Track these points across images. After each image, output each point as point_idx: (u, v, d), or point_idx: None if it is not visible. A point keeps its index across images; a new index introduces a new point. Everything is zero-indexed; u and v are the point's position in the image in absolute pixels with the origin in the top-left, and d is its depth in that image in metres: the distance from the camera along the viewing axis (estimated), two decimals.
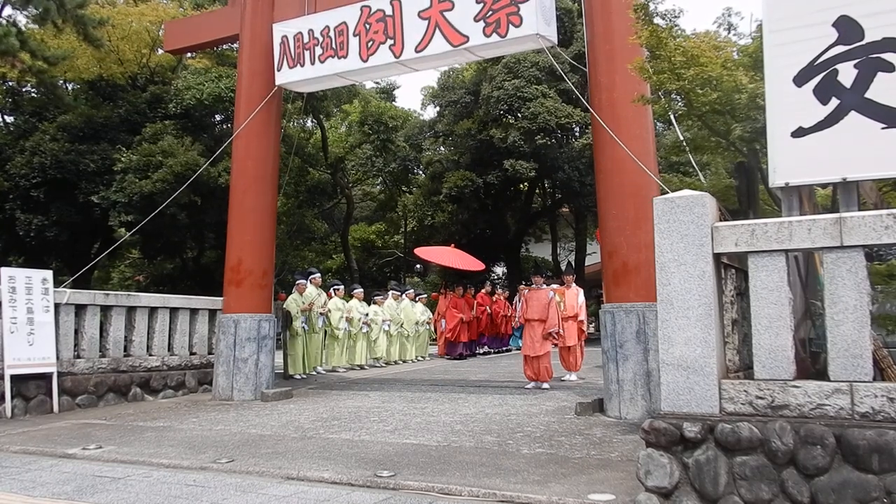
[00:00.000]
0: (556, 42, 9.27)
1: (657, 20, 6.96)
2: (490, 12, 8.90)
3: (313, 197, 24.44)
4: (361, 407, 9.13)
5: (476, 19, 9.01)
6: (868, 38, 4.55)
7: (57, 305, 9.57)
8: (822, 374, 4.37)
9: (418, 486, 5.15)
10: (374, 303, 15.83)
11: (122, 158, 16.05)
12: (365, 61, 9.96)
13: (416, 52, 9.54)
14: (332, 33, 10.22)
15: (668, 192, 4.79)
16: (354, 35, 10.01)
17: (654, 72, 6.90)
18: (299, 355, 12.81)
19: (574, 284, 12.12)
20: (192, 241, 19.59)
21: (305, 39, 10.46)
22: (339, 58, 10.16)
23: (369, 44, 9.89)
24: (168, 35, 12.80)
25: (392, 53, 9.71)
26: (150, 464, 6.20)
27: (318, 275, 14.01)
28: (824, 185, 5.85)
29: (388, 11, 9.71)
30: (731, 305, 4.72)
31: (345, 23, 10.09)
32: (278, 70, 10.75)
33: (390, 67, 10.23)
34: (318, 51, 10.35)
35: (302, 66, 10.54)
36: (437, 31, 9.32)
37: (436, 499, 4.94)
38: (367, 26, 9.91)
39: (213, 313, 11.75)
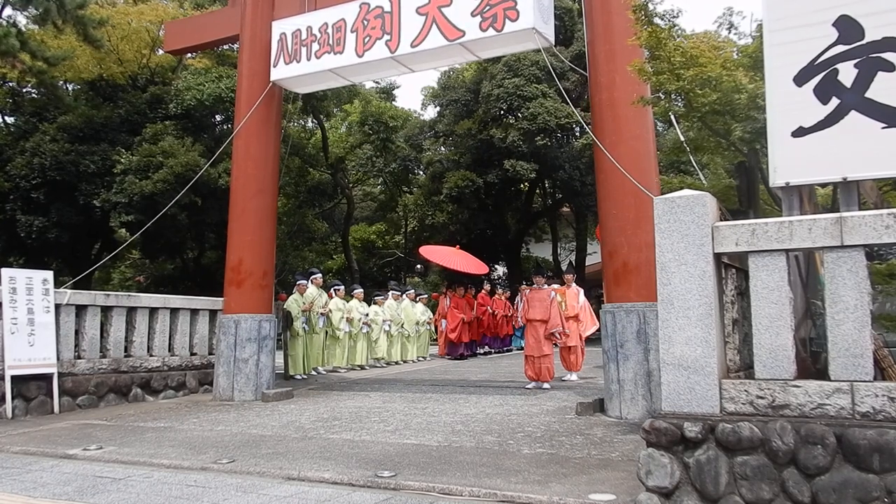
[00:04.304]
0: (553, 41, 9.29)
1: (657, 20, 6.95)
2: (487, 7, 8.95)
3: (314, 197, 24.45)
4: (362, 407, 9.13)
5: (473, 14, 9.06)
6: (868, 38, 4.55)
7: (57, 306, 9.57)
8: (822, 374, 4.37)
9: (419, 487, 5.15)
10: (375, 303, 15.83)
11: (123, 159, 16.05)
12: (360, 57, 9.97)
13: (412, 46, 9.55)
14: (329, 30, 10.26)
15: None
16: (352, 31, 10.05)
17: (654, 72, 6.90)
18: (300, 356, 12.80)
19: (574, 284, 12.12)
20: (192, 242, 19.60)
21: (304, 36, 10.48)
22: (335, 53, 10.19)
23: (366, 39, 9.92)
24: (168, 35, 12.81)
25: (388, 49, 9.73)
26: (150, 464, 6.20)
27: (320, 275, 14.00)
28: (824, 185, 5.85)
29: (387, 8, 9.75)
30: (732, 305, 4.72)
31: (343, 19, 10.14)
32: (274, 66, 10.78)
33: (386, 64, 10.19)
34: (315, 47, 10.38)
35: (298, 61, 10.56)
36: (434, 25, 9.36)
37: (436, 499, 4.94)
38: (365, 23, 9.95)
39: (213, 314, 11.75)
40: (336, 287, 14.37)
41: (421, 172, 27.42)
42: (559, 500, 4.72)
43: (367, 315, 15.01)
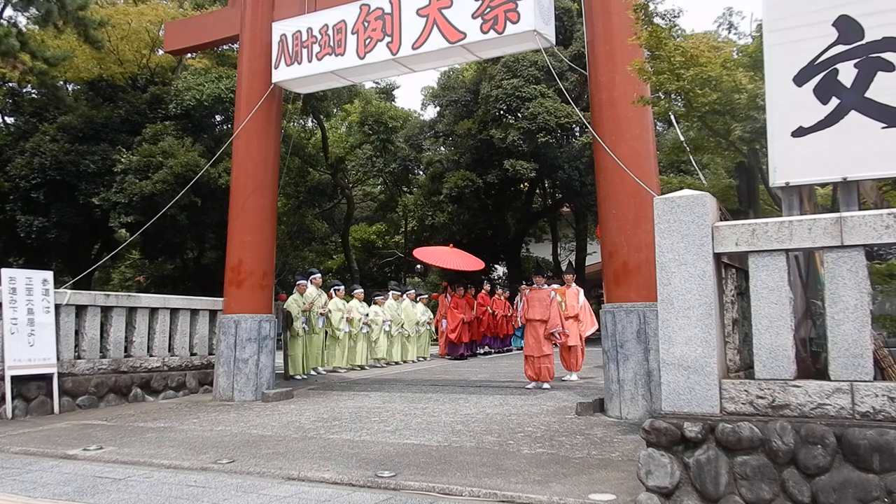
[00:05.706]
0: (553, 42, 9.29)
1: (657, 20, 6.96)
2: (488, 9, 8.95)
3: (313, 197, 24.43)
4: (362, 407, 9.13)
5: (474, 16, 9.06)
6: (868, 38, 4.55)
7: (57, 306, 9.58)
8: (822, 374, 4.37)
9: (419, 487, 5.15)
10: (375, 303, 15.83)
11: (123, 159, 16.05)
12: (362, 58, 9.99)
13: (413, 48, 9.56)
14: (330, 31, 10.26)
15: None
16: (353, 33, 10.05)
17: (654, 72, 6.91)
18: (300, 356, 12.80)
19: (574, 284, 12.12)
20: (192, 242, 19.58)
21: (304, 38, 10.49)
22: (336, 55, 10.20)
23: (367, 41, 9.92)
24: (168, 35, 12.81)
25: (389, 50, 9.74)
26: (150, 464, 6.20)
27: (319, 275, 14.00)
28: (824, 185, 5.85)
29: (387, 9, 9.75)
30: (732, 305, 4.72)
31: (343, 21, 10.14)
32: (275, 68, 10.79)
33: (387, 65, 10.22)
34: (316, 49, 10.39)
35: (299, 63, 10.57)
36: (435, 27, 9.36)
37: (436, 499, 4.94)
38: (366, 24, 9.95)
39: (213, 314, 11.75)
40: (336, 287, 14.37)
41: (421, 172, 27.41)
42: (559, 500, 4.72)
43: (367, 315, 15.01)
